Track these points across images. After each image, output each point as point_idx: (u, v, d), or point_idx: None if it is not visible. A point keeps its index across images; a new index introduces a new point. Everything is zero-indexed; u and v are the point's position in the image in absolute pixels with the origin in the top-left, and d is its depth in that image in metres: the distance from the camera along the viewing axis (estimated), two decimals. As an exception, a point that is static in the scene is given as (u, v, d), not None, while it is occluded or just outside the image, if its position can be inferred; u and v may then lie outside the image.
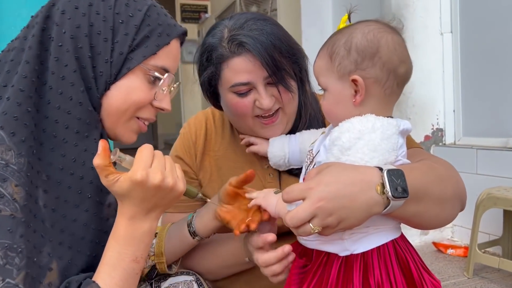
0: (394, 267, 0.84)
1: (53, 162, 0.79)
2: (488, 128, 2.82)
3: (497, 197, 2.25)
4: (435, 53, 3.04)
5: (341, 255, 0.85)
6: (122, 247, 0.77)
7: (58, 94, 0.79)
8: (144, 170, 0.74)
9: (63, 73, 0.79)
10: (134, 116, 0.87)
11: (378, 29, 0.87)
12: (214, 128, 1.24)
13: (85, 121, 0.81)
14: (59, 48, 0.79)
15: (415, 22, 3.02)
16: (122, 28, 0.82)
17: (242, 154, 1.19)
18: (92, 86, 0.81)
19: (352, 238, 0.84)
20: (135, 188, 0.74)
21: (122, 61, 0.82)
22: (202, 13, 8.61)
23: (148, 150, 0.76)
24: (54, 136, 0.79)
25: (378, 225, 0.85)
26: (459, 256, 2.69)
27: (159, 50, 0.84)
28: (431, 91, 3.05)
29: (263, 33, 1.03)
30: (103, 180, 0.75)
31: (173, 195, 0.79)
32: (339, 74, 0.87)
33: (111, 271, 0.76)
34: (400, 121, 0.88)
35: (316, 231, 0.77)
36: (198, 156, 1.21)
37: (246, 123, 1.10)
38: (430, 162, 0.93)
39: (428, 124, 3.05)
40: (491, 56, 2.78)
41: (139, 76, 0.84)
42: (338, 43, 0.88)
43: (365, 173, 0.78)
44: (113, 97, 0.83)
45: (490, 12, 2.78)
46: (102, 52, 0.81)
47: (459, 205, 0.95)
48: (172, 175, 0.77)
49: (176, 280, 1.07)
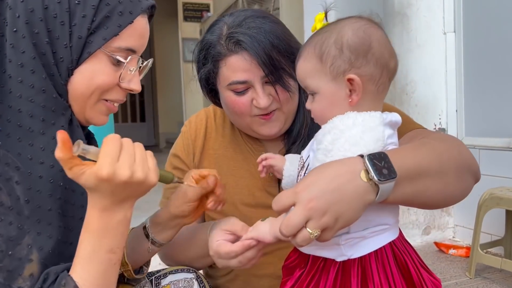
0: (393, 270, 0.82)
1: (22, 152, 0.76)
2: (490, 128, 2.81)
3: (499, 197, 2.24)
4: (438, 53, 3.03)
5: (338, 260, 0.82)
6: (96, 239, 0.73)
7: (18, 83, 0.75)
8: (111, 165, 0.69)
9: (21, 60, 0.75)
10: (101, 99, 0.84)
11: (366, 25, 0.86)
12: (214, 126, 1.23)
13: (50, 108, 0.77)
14: (14, 34, 0.75)
15: (419, 22, 3.01)
16: (79, 9, 0.77)
17: (241, 152, 1.18)
18: (55, 73, 0.78)
19: (349, 243, 0.82)
20: (102, 184, 0.70)
21: (82, 45, 0.78)
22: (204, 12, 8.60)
23: (114, 142, 0.71)
24: (19, 126, 0.76)
25: (376, 226, 0.82)
26: (461, 256, 2.68)
27: (122, 31, 0.80)
28: (433, 90, 3.04)
29: (261, 31, 1.02)
30: (68, 173, 0.71)
31: (144, 187, 0.75)
32: (333, 74, 0.84)
33: (86, 264, 0.73)
34: (387, 113, 0.85)
35: (315, 234, 0.72)
36: (197, 154, 1.20)
37: (245, 121, 1.10)
38: (425, 139, 0.90)
39: (431, 123, 3.04)
40: (494, 56, 2.77)
41: (102, 59, 0.80)
42: (327, 43, 0.85)
43: (347, 164, 0.75)
44: (77, 82, 0.80)
45: (494, 12, 2.77)
46: (60, 37, 0.76)
47: (469, 175, 0.90)
48: (142, 168, 0.73)
49: (176, 277, 1.06)
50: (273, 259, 1.09)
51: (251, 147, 1.18)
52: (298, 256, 0.90)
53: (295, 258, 0.91)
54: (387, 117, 0.84)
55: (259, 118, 1.08)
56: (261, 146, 1.18)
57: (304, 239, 0.73)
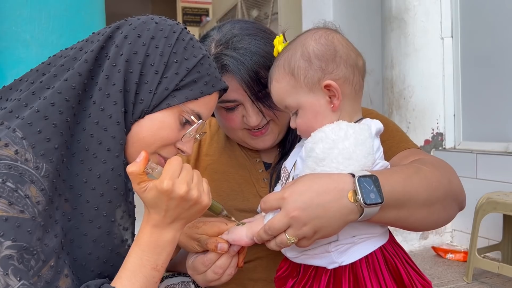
0: (385, 275, 0.82)
1: (80, 173, 0.80)
2: (488, 133, 2.82)
3: (497, 201, 2.24)
4: (435, 58, 3.04)
5: (329, 268, 0.83)
6: (144, 254, 0.78)
7: (99, 110, 0.81)
8: (171, 180, 0.76)
9: (109, 91, 0.81)
10: (156, 152, 0.89)
11: (325, 33, 0.88)
12: (209, 132, 1.23)
13: (119, 141, 0.82)
14: (112, 67, 0.82)
15: (416, 26, 3.03)
16: (174, 66, 0.85)
17: (236, 158, 1.18)
18: (129, 110, 0.83)
19: (339, 249, 0.82)
20: (161, 197, 0.77)
21: (165, 96, 0.84)
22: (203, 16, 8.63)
23: (177, 162, 0.79)
24: (86, 149, 0.80)
25: (364, 234, 0.83)
26: (459, 260, 2.68)
27: (201, 97, 0.87)
28: (431, 95, 3.05)
29: (247, 52, 1.01)
30: (135, 187, 0.78)
31: (197, 208, 0.80)
32: (308, 86, 0.86)
33: (132, 277, 0.77)
34: (370, 122, 0.87)
35: (292, 241, 0.76)
36: (191, 161, 1.20)
37: (237, 135, 1.10)
38: (418, 165, 0.91)
39: (428, 128, 3.05)
40: (491, 60, 2.78)
41: (174, 115, 0.86)
42: (294, 58, 0.87)
43: (337, 181, 0.77)
44: (144, 126, 0.85)
45: (491, 17, 2.78)
46: (149, 82, 0.83)
47: (455, 205, 0.93)
48: (198, 188, 0.79)
49: (173, 281, 1.06)
50: (267, 263, 1.09)
51: (246, 153, 1.18)
52: (289, 265, 0.91)
53: (286, 268, 0.92)
54: (372, 127, 0.85)
55: (253, 135, 1.08)
56: (256, 153, 1.18)
57: (281, 243, 0.78)
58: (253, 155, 1.17)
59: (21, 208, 0.69)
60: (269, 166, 1.17)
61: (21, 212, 0.69)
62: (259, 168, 1.16)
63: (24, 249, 0.68)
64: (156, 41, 0.85)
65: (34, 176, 0.72)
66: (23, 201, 0.70)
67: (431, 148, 3.03)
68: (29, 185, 0.71)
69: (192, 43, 0.88)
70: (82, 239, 0.81)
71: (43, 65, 0.85)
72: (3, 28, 2.10)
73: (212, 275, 0.91)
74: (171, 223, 0.80)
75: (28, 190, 0.71)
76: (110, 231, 0.83)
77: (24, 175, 0.71)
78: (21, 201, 0.70)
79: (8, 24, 2.09)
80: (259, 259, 1.10)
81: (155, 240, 0.79)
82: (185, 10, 8.60)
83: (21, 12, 2.08)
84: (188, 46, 0.87)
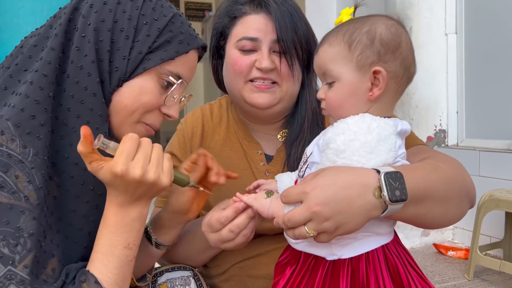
0: (384, 274, 0.81)
1: (61, 150, 0.79)
2: (491, 130, 2.80)
3: (499, 199, 2.23)
4: (439, 54, 3.02)
5: (328, 259, 0.82)
6: (113, 234, 0.77)
7: (74, 83, 0.79)
8: (125, 164, 0.73)
9: (81, 63, 0.80)
10: (141, 121, 0.87)
11: (398, 25, 0.86)
12: (211, 125, 1.22)
13: (97, 112, 0.81)
14: (81, 39, 0.80)
15: (420, 23, 3.01)
16: (145, 28, 0.83)
17: (237, 151, 1.17)
18: (106, 80, 0.81)
19: (340, 242, 0.81)
20: (116, 180, 0.74)
21: (140, 60, 0.83)
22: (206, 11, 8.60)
23: (132, 141, 0.75)
24: (65, 124, 0.79)
25: (369, 233, 0.82)
26: (460, 258, 2.67)
27: (177, 57, 0.85)
28: (434, 92, 3.04)
29: (288, 4, 1.07)
30: (88, 167, 0.75)
31: (156, 189, 0.78)
32: (359, 64, 0.83)
33: (104, 259, 0.76)
34: (398, 121, 0.85)
35: (311, 235, 0.75)
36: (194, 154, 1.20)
37: (239, 85, 1.09)
38: (434, 162, 0.91)
39: (431, 125, 3.04)
40: (495, 57, 2.76)
41: (153, 78, 0.84)
42: (359, 32, 0.84)
43: (362, 176, 0.76)
44: (124, 94, 0.83)
45: (495, 14, 2.76)
46: (121, 48, 0.82)
47: (467, 202, 0.93)
48: (155, 169, 0.76)
49: (173, 275, 1.06)
50: (268, 260, 1.08)
51: (247, 145, 1.17)
52: (290, 253, 0.90)
53: (287, 255, 0.91)
54: (399, 125, 0.84)
55: (254, 87, 1.08)
56: (257, 145, 1.17)
57: (299, 235, 0.76)
58: (255, 146, 1.17)
59: (7, 193, 0.69)
60: (271, 159, 1.16)
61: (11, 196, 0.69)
62: (261, 161, 1.15)
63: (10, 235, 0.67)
64: (122, 5, 0.83)
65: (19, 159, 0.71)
66: (8, 186, 0.69)
67: (434, 145, 3.02)
68: (14, 169, 0.70)
69: (161, 3, 0.86)
70: (71, 215, 0.80)
71: (16, 49, 0.84)
72: (5, 20, 2.10)
73: (228, 234, 0.90)
74: (135, 200, 0.78)
75: (14, 175, 0.70)
76: (98, 205, 0.81)
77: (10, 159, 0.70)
78: (6, 185, 0.69)
79: (10, 16, 2.09)
80: (259, 256, 1.10)
81: (121, 219, 0.77)
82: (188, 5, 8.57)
83: (23, 4, 2.08)
84: (157, 6, 0.85)
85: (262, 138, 1.18)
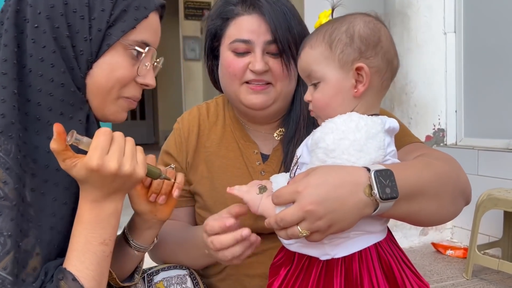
0: (377, 272, 0.81)
1: (39, 145, 0.78)
2: (490, 129, 2.80)
3: (497, 198, 2.23)
4: (438, 53, 3.02)
5: (322, 259, 0.82)
6: (88, 231, 0.76)
7: (38, 76, 0.78)
8: (100, 158, 0.72)
9: (41, 55, 0.78)
10: (121, 96, 0.86)
11: (375, 21, 0.87)
12: (208, 124, 1.22)
13: (69, 102, 0.79)
14: (35, 30, 0.78)
15: (419, 21, 3.01)
16: (97, 4, 0.81)
17: (233, 150, 1.16)
18: (74, 66, 0.80)
19: (332, 242, 0.81)
20: (92, 175, 0.73)
21: (101, 38, 0.81)
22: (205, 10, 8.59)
23: (105, 135, 0.74)
24: (38, 119, 0.78)
25: (361, 231, 0.82)
26: (458, 257, 2.67)
27: (138, 24, 0.83)
28: (433, 91, 3.03)
29: (281, 3, 1.06)
30: (61, 165, 0.74)
31: (132, 181, 0.78)
32: (341, 62, 0.84)
33: (81, 255, 0.76)
34: (386, 119, 0.85)
35: (304, 234, 0.75)
36: (190, 152, 1.19)
37: (234, 87, 1.09)
38: (427, 159, 0.90)
39: (430, 124, 3.04)
40: (494, 56, 2.76)
41: (120, 52, 0.83)
42: (338, 31, 0.85)
43: (353, 174, 0.75)
44: (97, 75, 0.82)
45: (494, 13, 2.76)
46: (80, 30, 0.80)
47: (462, 199, 0.92)
48: (131, 162, 0.76)
49: (169, 274, 1.05)
50: (264, 259, 1.08)
51: (243, 145, 1.16)
52: (285, 254, 0.90)
53: (282, 256, 0.91)
54: (386, 123, 0.84)
55: (249, 88, 1.07)
56: (254, 144, 1.16)
57: (292, 235, 0.76)
58: (251, 146, 1.16)
59: None
60: (267, 158, 1.15)
61: None
62: (257, 160, 1.15)
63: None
64: None
65: None
66: None
67: (432, 144, 3.02)
68: None
69: None
70: (63, 208, 0.79)
71: None
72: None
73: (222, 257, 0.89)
74: (110, 195, 0.77)
75: None
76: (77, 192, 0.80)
77: None
78: None
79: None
80: (255, 255, 1.09)
81: (96, 215, 0.77)
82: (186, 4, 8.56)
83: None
84: None
85: (259, 137, 1.17)
